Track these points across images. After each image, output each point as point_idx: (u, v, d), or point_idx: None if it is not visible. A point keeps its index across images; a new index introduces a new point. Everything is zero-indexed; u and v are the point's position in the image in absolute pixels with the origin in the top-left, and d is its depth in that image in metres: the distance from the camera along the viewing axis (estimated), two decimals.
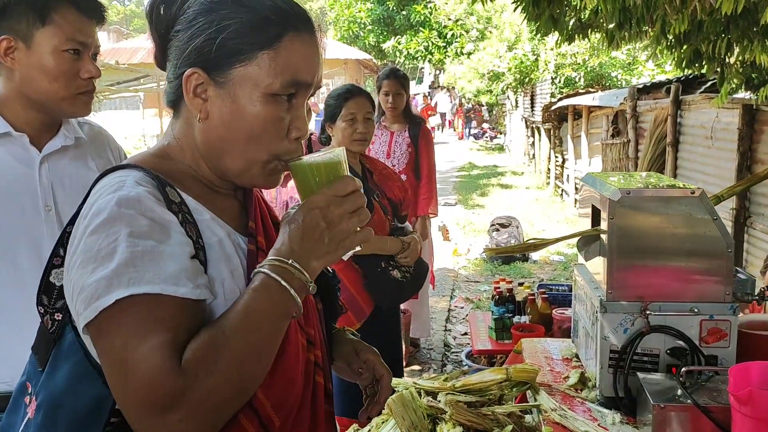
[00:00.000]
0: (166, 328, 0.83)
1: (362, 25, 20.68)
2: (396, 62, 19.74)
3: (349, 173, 0.97)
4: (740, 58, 4.26)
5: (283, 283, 0.89)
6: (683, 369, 1.49)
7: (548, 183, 11.91)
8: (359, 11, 20.40)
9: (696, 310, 1.59)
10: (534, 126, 13.45)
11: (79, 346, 0.94)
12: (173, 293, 0.85)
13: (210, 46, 0.94)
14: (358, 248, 0.96)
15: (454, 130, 26.40)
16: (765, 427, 1.20)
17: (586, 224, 1.98)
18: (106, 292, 0.83)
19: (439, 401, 1.84)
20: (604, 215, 1.65)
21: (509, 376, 1.85)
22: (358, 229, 0.95)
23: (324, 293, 1.16)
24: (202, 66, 0.95)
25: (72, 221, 0.96)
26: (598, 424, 1.59)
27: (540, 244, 1.88)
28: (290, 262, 0.90)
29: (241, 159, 0.98)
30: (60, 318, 0.98)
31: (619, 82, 11.81)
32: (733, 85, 4.45)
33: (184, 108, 1.00)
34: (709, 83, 6.57)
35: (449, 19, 18.25)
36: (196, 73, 0.95)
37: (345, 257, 1.00)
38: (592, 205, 1.79)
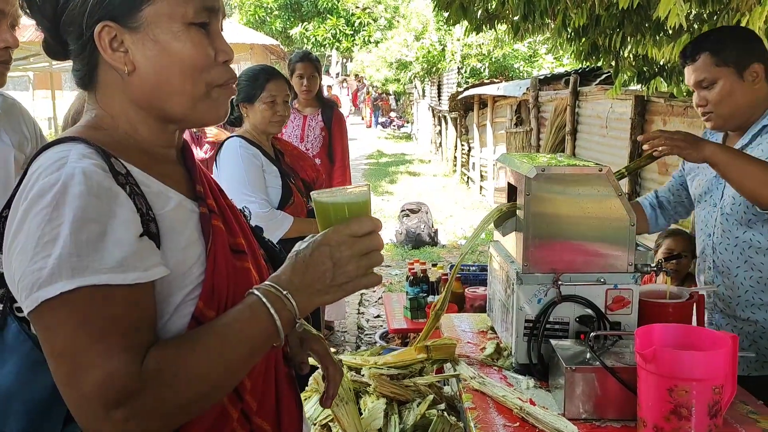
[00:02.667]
0: (121, 326, 0.80)
1: (269, 10, 20.29)
2: (303, 49, 19.52)
3: (371, 213, 0.95)
4: (633, 51, 4.55)
5: (272, 311, 0.87)
6: (591, 334, 1.60)
7: (455, 170, 12.23)
8: None
9: (602, 280, 1.70)
10: (441, 115, 13.74)
11: (25, 336, 0.90)
12: (122, 282, 0.81)
13: None
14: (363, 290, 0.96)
15: (363, 119, 26.49)
16: (666, 381, 1.32)
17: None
18: (48, 282, 0.79)
19: (363, 375, 1.88)
20: (520, 192, 1.73)
21: (430, 355, 1.91)
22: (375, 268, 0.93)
23: (275, 262, 1.15)
24: (110, 18, 0.91)
25: (8, 204, 0.90)
26: (514, 389, 1.68)
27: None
28: (285, 293, 0.89)
29: (183, 98, 0.95)
30: (0, 308, 0.92)
31: (521, 74, 12.27)
32: (626, 77, 4.75)
33: (103, 74, 0.96)
34: (604, 75, 6.97)
35: (357, 7, 18.26)
36: (107, 26, 0.91)
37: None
38: (508, 183, 1.88)
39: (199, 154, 4.10)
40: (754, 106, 1.94)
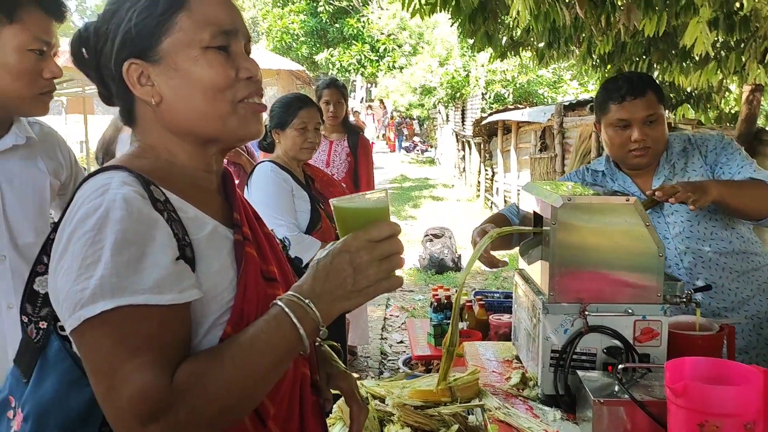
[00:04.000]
0: (155, 344, 0.84)
1: (295, 37, 20.65)
2: (329, 74, 19.77)
3: (389, 218, 0.97)
4: (660, 78, 4.53)
5: (294, 320, 0.89)
6: (620, 366, 1.57)
7: (478, 195, 12.20)
8: (292, 22, 20.36)
9: (630, 311, 1.68)
10: (464, 140, 13.76)
11: (66, 354, 0.93)
12: (158, 302, 0.85)
13: (130, 34, 0.96)
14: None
15: (387, 143, 26.61)
16: (697, 416, 1.29)
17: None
18: (90, 301, 0.83)
19: (387, 404, 1.87)
20: (546, 220, 1.72)
21: (455, 395, 1.89)
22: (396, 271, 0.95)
23: None
24: (134, 55, 0.97)
25: (55, 228, 0.95)
26: (540, 421, 1.66)
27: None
28: (307, 302, 0.90)
29: (210, 119, 0.99)
30: (44, 326, 0.96)
31: (546, 99, 12.27)
32: None
33: (139, 109, 1.01)
34: None
35: (382, 34, 18.48)
36: (132, 64, 0.97)
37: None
38: (534, 211, 1.87)
39: None
40: None
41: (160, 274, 0.85)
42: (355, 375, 4.26)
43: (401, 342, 5.04)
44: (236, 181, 4.08)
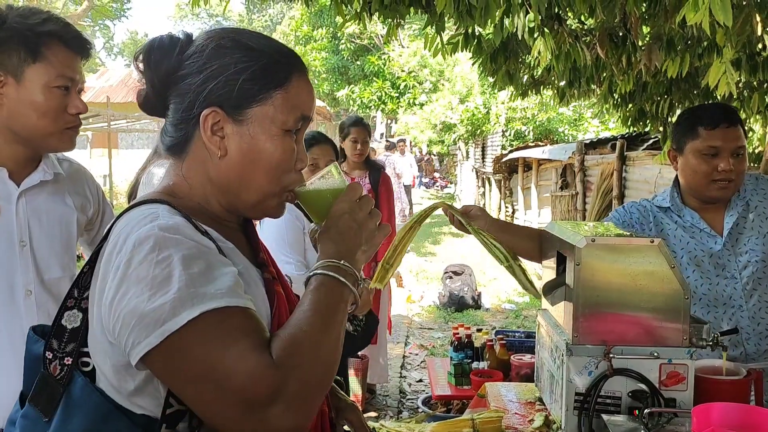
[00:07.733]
0: (245, 333, 0.86)
1: (317, 74, 20.97)
2: (349, 110, 20.02)
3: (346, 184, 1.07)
4: None
5: (341, 279, 0.96)
6: (645, 411, 1.55)
7: None
8: (314, 60, 20.71)
9: (656, 354, 1.66)
10: (485, 176, 13.78)
11: (92, 389, 0.93)
12: (237, 304, 0.88)
13: (229, 87, 0.98)
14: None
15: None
16: None
17: (549, 273, 2.05)
18: (172, 315, 0.84)
19: None
20: (569, 261, 1.72)
21: (476, 429, 1.87)
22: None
23: None
24: (219, 105, 0.99)
25: (89, 262, 0.96)
26: None
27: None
28: (342, 262, 0.98)
29: (257, 192, 1.02)
30: (69, 362, 0.96)
31: (566, 137, 12.28)
32: None
33: (196, 148, 1.02)
34: (651, 140, 6.93)
35: (403, 71, 18.70)
36: (214, 112, 0.99)
37: None
38: (558, 252, 1.86)
39: None
40: None
41: (231, 281, 0.89)
42: (374, 414, 4.20)
43: (420, 381, 4.98)
44: None
